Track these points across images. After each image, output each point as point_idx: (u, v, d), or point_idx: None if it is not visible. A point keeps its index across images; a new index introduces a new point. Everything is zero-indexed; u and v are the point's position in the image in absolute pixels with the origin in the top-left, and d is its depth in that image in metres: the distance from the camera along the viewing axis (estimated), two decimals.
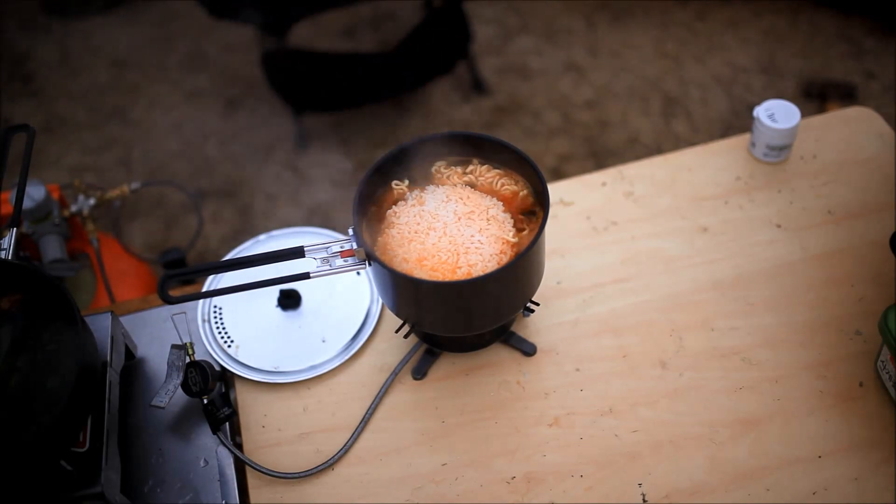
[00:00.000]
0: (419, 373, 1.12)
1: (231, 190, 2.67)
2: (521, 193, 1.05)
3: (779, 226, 1.26)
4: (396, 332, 1.11)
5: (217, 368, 1.10)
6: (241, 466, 1.06)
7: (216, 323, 1.18)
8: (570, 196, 1.32)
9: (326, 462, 1.05)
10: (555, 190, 1.32)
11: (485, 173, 1.06)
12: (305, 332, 1.17)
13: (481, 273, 0.96)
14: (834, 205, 1.28)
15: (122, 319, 1.16)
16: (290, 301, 1.19)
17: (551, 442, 1.06)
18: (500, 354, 1.15)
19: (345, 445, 1.06)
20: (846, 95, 2.73)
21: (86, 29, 3.29)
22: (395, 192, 1.06)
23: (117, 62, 3.16)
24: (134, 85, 3.07)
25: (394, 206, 1.04)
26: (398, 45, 2.67)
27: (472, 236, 0.99)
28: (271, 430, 1.09)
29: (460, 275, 0.96)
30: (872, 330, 1.12)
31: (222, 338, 1.17)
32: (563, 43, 3.07)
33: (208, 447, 1.07)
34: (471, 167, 1.08)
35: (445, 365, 1.14)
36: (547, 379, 1.12)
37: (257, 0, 2.46)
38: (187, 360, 1.06)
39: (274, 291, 1.20)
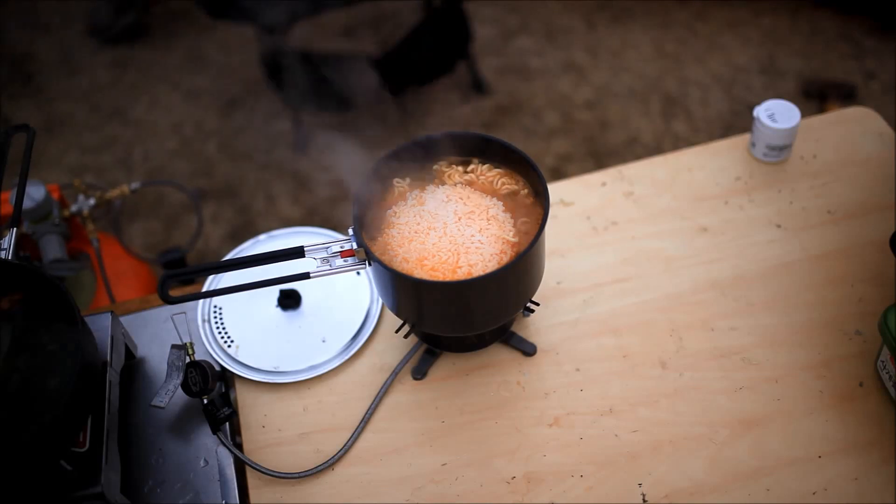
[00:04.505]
0: (419, 373, 1.12)
1: (231, 190, 2.67)
2: (520, 193, 1.05)
3: (779, 226, 1.26)
4: (396, 332, 1.11)
5: (217, 368, 1.10)
6: (241, 466, 1.06)
7: (216, 323, 1.18)
8: (570, 196, 1.32)
9: (326, 462, 1.05)
10: (555, 190, 1.32)
11: (485, 172, 1.07)
12: (305, 332, 1.17)
13: (481, 273, 0.96)
14: (834, 205, 1.28)
15: (122, 319, 1.16)
16: (290, 301, 1.20)
17: (551, 442, 1.06)
18: (500, 354, 1.15)
19: (345, 445, 1.06)
20: (846, 95, 2.73)
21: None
22: (396, 190, 1.06)
23: (117, 62, 3.16)
24: (134, 85, 3.07)
25: (394, 206, 1.04)
26: (398, 45, 2.67)
27: (473, 236, 0.99)
28: (271, 430, 1.09)
29: (460, 275, 0.96)
30: (872, 330, 1.12)
31: (222, 338, 1.17)
32: (563, 43, 3.07)
33: (208, 447, 1.07)
34: (471, 167, 1.08)
35: (445, 365, 1.14)
36: (547, 379, 1.12)
37: (257, 0, 2.46)
38: (187, 360, 1.06)
39: (274, 291, 1.20)
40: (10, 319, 0.95)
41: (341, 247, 0.98)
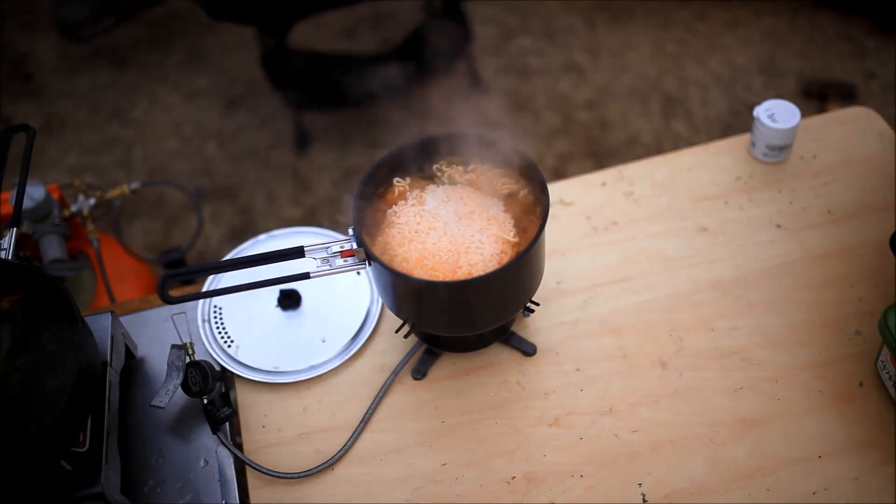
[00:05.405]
0: (419, 373, 1.12)
1: (231, 190, 2.67)
2: (520, 193, 1.05)
3: (779, 226, 1.26)
4: (396, 332, 1.11)
5: (217, 368, 1.10)
6: (241, 466, 1.06)
7: (216, 323, 1.18)
8: (570, 196, 1.32)
9: (326, 462, 1.05)
10: (555, 190, 1.32)
11: (485, 172, 1.07)
12: (305, 332, 1.17)
13: (482, 273, 0.96)
14: (834, 205, 1.28)
15: (122, 319, 1.16)
16: (290, 301, 1.20)
17: (551, 442, 1.06)
18: (500, 354, 1.15)
19: (345, 445, 1.06)
20: (846, 95, 2.73)
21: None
22: (396, 190, 1.06)
23: (117, 62, 3.16)
24: (134, 85, 3.07)
25: (394, 206, 1.04)
26: (398, 45, 2.68)
27: (473, 236, 0.99)
28: (271, 430, 1.09)
29: (461, 275, 0.96)
30: (872, 330, 1.12)
31: (222, 338, 1.17)
32: (563, 43, 3.07)
33: (208, 447, 1.07)
34: (471, 166, 1.08)
35: (445, 365, 1.14)
36: (547, 379, 1.12)
37: (256, 1, 2.46)
38: (187, 360, 1.06)
39: (274, 291, 1.20)
40: (10, 319, 0.95)
41: (341, 247, 0.98)
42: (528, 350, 1.14)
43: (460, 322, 1.03)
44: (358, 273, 1.22)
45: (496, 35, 3.12)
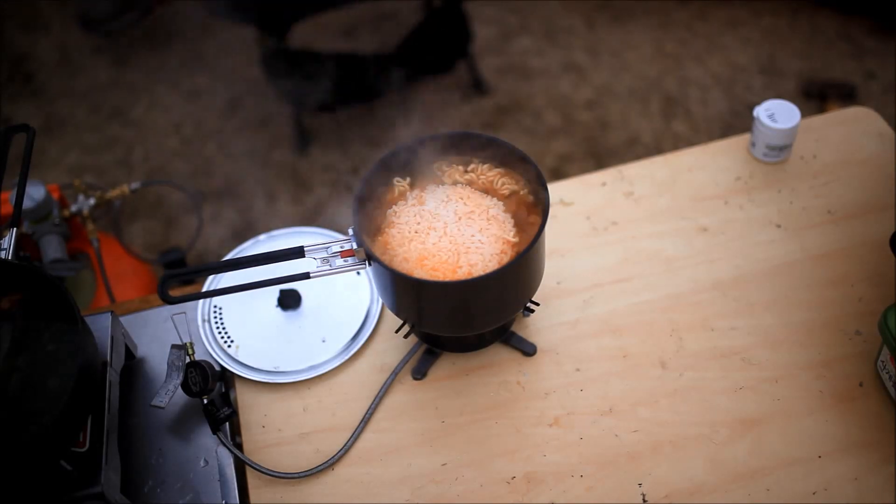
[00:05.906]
0: (419, 373, 1.12)
1: (231, 190, 2.67)
2: (520, 193, 1.05)
3: (779, 226, 1.26)
4: (396, 332, 1.11)
5: (217, 368, 1.10)
6: (241, 466, 1.06)
7: (216, 323, 1.18)
8: (570, 196, 1.32)
9: (326, 462, 1.05)
10: (555, 190, 1.32)
11: (485, 172, 1.07)
12: (305, 332, 1.17)
13: (482, 273, 0.96)
14: (834, 205, 1.28)
15: (122, 319, 1.16)
16: (290, 301, 1.20)
17: (551, 442, 1.06)
18: (500, 354, 1.15)
19: (345, 445, 1.06)
20: (846, 95, 2.73)
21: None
22: (396, 190, 1.06)
23: (117, 62, 3.16)
24: (134, 85, 3.07)
25: (394, 206, 1.04)
26: (398, 45, 2.68)
27: (473, 236, 0.99)
28: (271, 430, 1.09)
29: (461, 274, 0.96)
30: (872, 330, 1.12)
31: (222, 338, 1.17)
32: (563, 43, 3.07)
33: (208, 447, 1.07)
34: (471, 166, 1.08)
35: (445, 365, 1.14)
36: (547, 379, 1.12)
37: (257, 0, 2.46)
38: (187, 360, 1.06)
39: (274, 291, 1.20)
40: (10, 319, 0.95)
41: (341, 247, 0.98)
42: (528, 350, 1.14)
43: (460, 322, 1.03)
44: (358, 273, 1.22)
45: (496, 35, 3.12)
